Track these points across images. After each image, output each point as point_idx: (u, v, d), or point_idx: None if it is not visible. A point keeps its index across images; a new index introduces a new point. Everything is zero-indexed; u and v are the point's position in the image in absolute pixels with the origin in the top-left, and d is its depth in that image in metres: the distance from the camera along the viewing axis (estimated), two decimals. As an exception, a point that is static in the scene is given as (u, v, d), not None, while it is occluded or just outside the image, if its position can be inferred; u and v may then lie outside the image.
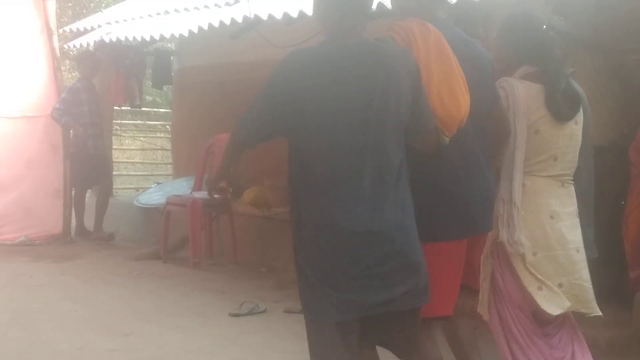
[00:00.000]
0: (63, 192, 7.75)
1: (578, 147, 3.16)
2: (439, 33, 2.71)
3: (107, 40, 7.94)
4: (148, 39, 7.50)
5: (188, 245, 6.83)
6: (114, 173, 10.54)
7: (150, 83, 10.15)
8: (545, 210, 3.05)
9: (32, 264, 6.65)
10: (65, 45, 9.33)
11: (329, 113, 2.48)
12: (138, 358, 4.21)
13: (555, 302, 3.02)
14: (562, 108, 3.05)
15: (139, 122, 15.15)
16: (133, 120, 14.93)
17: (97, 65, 8.05)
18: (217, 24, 6.30)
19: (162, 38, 7.57)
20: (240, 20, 6.08)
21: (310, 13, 3.64)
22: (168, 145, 12.33)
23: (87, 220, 8.04)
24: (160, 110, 15.65)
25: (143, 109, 11.33)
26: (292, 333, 4.48)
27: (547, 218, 3.05)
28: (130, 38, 7.60)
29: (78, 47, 8.77)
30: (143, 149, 14.44)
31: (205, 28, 6.47)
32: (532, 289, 3.01)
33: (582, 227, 3.17)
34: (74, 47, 9.01)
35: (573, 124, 3.11)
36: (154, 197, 8.27)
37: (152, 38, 7.45)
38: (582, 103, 3.16)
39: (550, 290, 3.01)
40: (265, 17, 5.83)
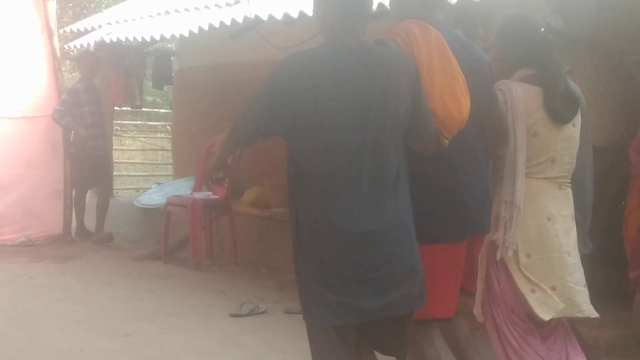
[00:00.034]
0: (63, 192, 7.74)
1: (576, 149, 3.15)
2: (439, 34, 2.70)
3: (107, 41, 7.94)
4: (148, 39, 7.50)
5: (188, 246, 6.82)
6: (115, 173, 10.55)
7: (151, 83, 10.16)
8: (543, 213, 3.04)
9: (32, 265, 6.65)
10: (66, 46, 9.34)
11: (328, 113, 2.48)
12: (138, 358, 4.21)
13: (549, 305, 3.00)
14: (560, 110, 3.04)
15: (140, 122, 15.13)
16: (133, 121, 14.92)
17: (97, 66, 8.04)
18: (217, 24, 6.30)
19: (162, 38, 7.57)
20: (241, 21, 6.08)
21: (311, 13, 3.64)
22: (168, 146, 12.32)
23: (87, 221, 8.04)
24: (161, 111, 15.64)
25: (143, 110, 11.36)
26: (292, 334, 4.49)
27: (544, 220, 3.04)
28: (131, 38, 7.61)
29: (78, 47, 8.77)
30: (143, 150, 14.43)
31: (206, 28, 6.47)
32: (525, 291, 3.01)
33: (577, 222, 3.17)
34: (75, 47, 9.02)
35: (571, 127, 3.11)
36: (155, 197, 8.26)
37: (152, 38, 7.45)
38: (580, 105, 3.17)
39: (544, 293, 3.00)
40: (266, 17, 5.84)
